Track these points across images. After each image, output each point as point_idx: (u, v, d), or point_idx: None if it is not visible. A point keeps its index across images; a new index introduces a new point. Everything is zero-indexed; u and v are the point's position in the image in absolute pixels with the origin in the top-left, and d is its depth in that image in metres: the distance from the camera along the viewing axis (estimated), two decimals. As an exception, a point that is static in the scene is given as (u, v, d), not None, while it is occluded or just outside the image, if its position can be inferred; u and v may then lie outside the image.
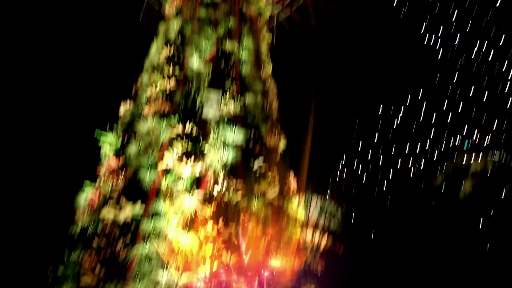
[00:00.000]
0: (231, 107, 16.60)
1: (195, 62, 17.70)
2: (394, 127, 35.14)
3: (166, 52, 18.10)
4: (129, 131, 15.54)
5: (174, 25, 19.58)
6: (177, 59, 17.75)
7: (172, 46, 18.42)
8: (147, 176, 13.79)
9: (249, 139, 16.09)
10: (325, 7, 29.11)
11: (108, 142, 15.09)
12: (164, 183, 13.69)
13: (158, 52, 18.54)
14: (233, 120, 16.22)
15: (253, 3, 22.60)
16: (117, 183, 13.85)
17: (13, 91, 25.82)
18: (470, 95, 37.81)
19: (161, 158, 14.19)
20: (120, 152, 14.82)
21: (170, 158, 14.01)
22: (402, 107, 33.61)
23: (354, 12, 29.37)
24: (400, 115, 36.28)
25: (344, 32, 30.33)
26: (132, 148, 14.57)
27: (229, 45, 18.84)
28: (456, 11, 32.86)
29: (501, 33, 34.80)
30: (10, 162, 23.52)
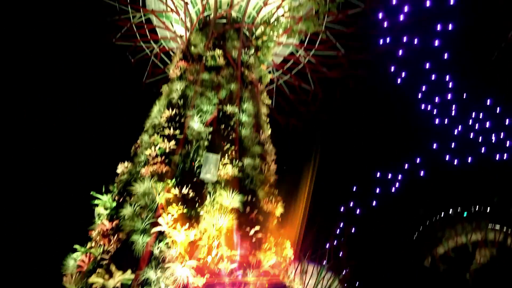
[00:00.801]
0: (229, 169, 16.57)
1: (196, 124, 17.89)
2: (392, 193, 34.93)
3: (167, 113, 18.35)
4: (125, 192, 15.34)
5: (177, 87, 20.03)
6: (178, 120, 17.96)
7: (174, 107, 18.73)
8: (140, 240, 13.41)
9: (246, 203, 15.89)
10: (323, 73, 30.13)
11: (103, 203, 14.85)
12: (157, 248, 13.28)
13: (159, 112, 18.81)
14: (230, 183, 16.13)
15: (255, 67, 23.34)
16: (108, 246, 13.42)
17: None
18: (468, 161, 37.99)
19: (155, 221, 13.88)
20: (114, 213, 14.53)
21: (164, 222, 13.70)
22: (399, 174, 33.65)
23: (352, 78, 30.34)
24: (398, 181, 36.22)
25: (342, 99, 31.14)
26: (127, 210, 14.28)
27: (229, 108, 19.17)
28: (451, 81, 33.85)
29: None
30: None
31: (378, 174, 38.15)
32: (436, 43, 31.83)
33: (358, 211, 34.55)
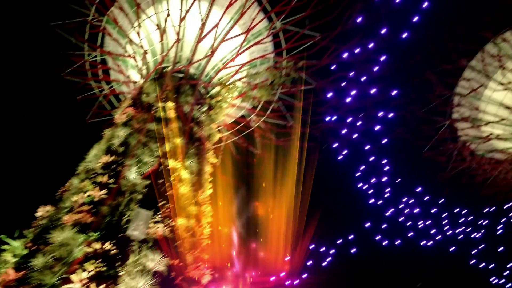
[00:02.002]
0: (160, 228, 15.75)
1: (133, 175, 17.11)
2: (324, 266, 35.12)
3: (104, 158, 17.47)
4: (40, 239, 13.97)
5: (121, 133, 19.32)
6: (115, 168, 17.10)
7: (113, 153, 17.90)
8: (47, 297, 12.03)
9: (172, 267, 15.00)
10: (270, 139, 30.73)
11: (12, 249, 13.37)
12: (64, 309, 11.96)
13: (96, 157, 17.86)
14: (159, 244, 15.25)
15: (205, 125, 23.28)
16: (8, 300, 11.90)
17: None
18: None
19: (68, 277, 12.60)
20: (23, 262, 13.06)
21: (77, 279, 12.46)
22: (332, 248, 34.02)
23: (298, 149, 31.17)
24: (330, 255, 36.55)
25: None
26: (38, 260, 12.90)
27: (171, 163, 18.63)
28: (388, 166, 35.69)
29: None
30: None
31: (312, 247, 38.27)
32: (377, 128, 33.96)
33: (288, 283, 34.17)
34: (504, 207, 39.45)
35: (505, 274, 40.79)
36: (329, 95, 30.16)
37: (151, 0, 24.99)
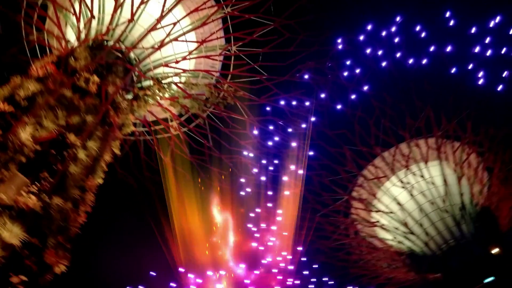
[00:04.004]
0: (31, 200, 14.29)
1: (25, 134, 15.51)
2: None
3: (1, 106, 15.72)
4: None
5: (31, 86, 17.62)
6: (7, 120, 15.40)
7: (13, 104, 16.18)
8: None
9: (28, 245, 13.57)
10: (184, 152, 30.19)
11: None
12: None
13: (-9, 101, 15.97)
14: (23, 216, 13.79)
15: (123, 113, 22.14)
16: None
17: None
18: None
19: None
20: None
21: None
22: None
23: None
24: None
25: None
26: None
27: (72, 138, 17.28)
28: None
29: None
30: None
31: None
32: (285, 178, 35.07)
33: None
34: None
35: None
36: (255, 132, 30.68)
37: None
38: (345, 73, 30.61)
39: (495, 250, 34.10)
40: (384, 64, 30.93)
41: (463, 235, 35.49)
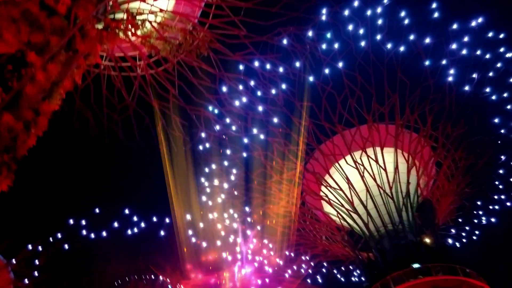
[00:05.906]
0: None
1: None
2: None
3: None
4: None
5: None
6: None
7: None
8: None
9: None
10: (146, 94, 29.22)
11: None
12: None
13: None
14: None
15: (89, 41, 20.86)
16: None
17: None
18: None
19: None
20: None
21: None
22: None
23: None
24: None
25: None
26: None
27: (33, 56, 16.14)
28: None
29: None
30: None
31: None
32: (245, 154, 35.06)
33: None
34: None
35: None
36: (224, 89, 30.17)
37: None
38: (323, 46, 30.39)
39: (426, 240, 36.26)
40: (362, 44, 30.94)
41: (401, 222, 37.43)
